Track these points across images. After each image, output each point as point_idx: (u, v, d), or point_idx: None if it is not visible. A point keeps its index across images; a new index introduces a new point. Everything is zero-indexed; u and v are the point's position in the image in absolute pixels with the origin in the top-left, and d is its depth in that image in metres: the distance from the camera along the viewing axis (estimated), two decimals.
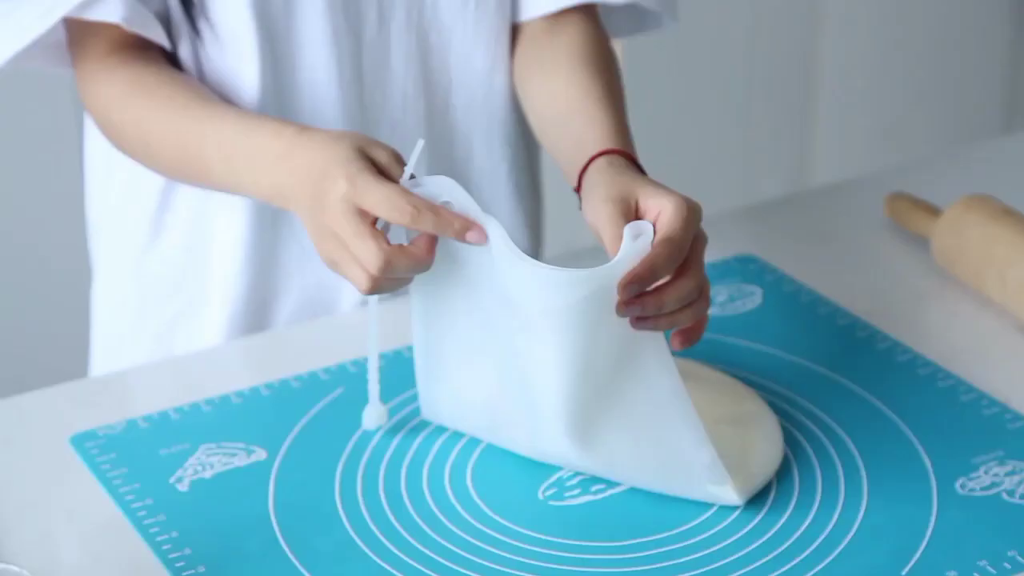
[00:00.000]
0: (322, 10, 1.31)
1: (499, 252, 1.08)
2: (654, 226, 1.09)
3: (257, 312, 1.41)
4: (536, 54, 1.36)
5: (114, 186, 1.43)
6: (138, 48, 1.29)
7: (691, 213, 1.10)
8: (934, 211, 1.44)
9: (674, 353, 1.12)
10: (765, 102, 2.72)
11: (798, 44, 2.73)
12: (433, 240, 1.10)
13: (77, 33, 1.30)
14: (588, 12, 1.38)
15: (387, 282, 1.10)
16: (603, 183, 1.14)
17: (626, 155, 1.20)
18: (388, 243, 1.09)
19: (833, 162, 2.81)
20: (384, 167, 1.12)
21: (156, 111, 1.26)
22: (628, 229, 1.08)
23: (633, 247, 1.07)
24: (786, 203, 1.60)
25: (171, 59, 1.33)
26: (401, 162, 1.12)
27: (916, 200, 1.47)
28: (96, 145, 1.45)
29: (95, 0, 1.25)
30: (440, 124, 1.40)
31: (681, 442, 1.11)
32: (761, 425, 1.18)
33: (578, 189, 1.19)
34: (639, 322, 1.08)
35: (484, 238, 1.09)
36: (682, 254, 1.09)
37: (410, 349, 1.30)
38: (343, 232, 1.10)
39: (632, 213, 1.11)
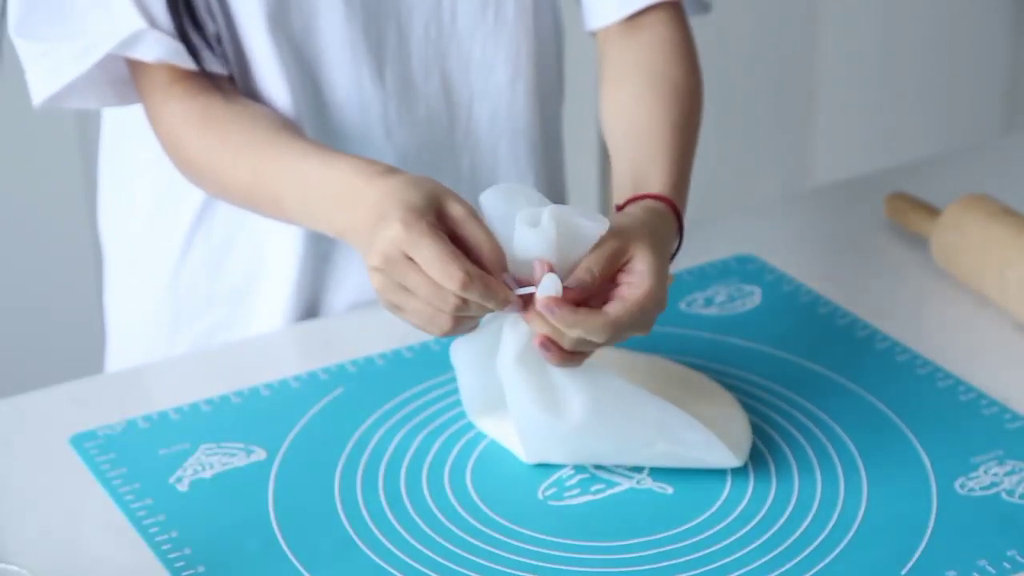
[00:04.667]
0: (342, 30, 1.31)
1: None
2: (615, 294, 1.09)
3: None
4: (609, 63, 1.33)
5: (140, 199, 1.43)
6: (200, 75, 1.27)
7: (652, 307, 1.09)
8: (934, 211, 1.44)
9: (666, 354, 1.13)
10: (765, 102, 2.73)
11: (798, 45, 2.73)
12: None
13: (135, 68, 1.28)
14: (664, 11, 1.33)
15: (465, 319, 1.08)
16: (627, 222, 1.12)
17: (669, 203, 1.17)
18: (464, 270, 1.05)
19: (833, 162, 2.81)
20: (457, 221, 1.08)
21: (229, 148, 1.23)
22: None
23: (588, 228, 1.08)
24: (786, 203, 1.61)
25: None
26: (476, 216, 1.08)
27: (916, 200, 1.47)
28: (113, 161, 1.45)
29: (133, 40, 1.24)
30: (464, 136, 1.39)
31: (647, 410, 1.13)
32: (726, 428, 1.18)
33: (619, 210, 1.18)
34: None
35: (521, 308, 1.09)
36: (613, 339, 1.08)
37: (411, 349, 1.30)
38: (397, 276, 1.07)
39: (621, 259, 1.10)
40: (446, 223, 1.08)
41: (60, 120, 2.17)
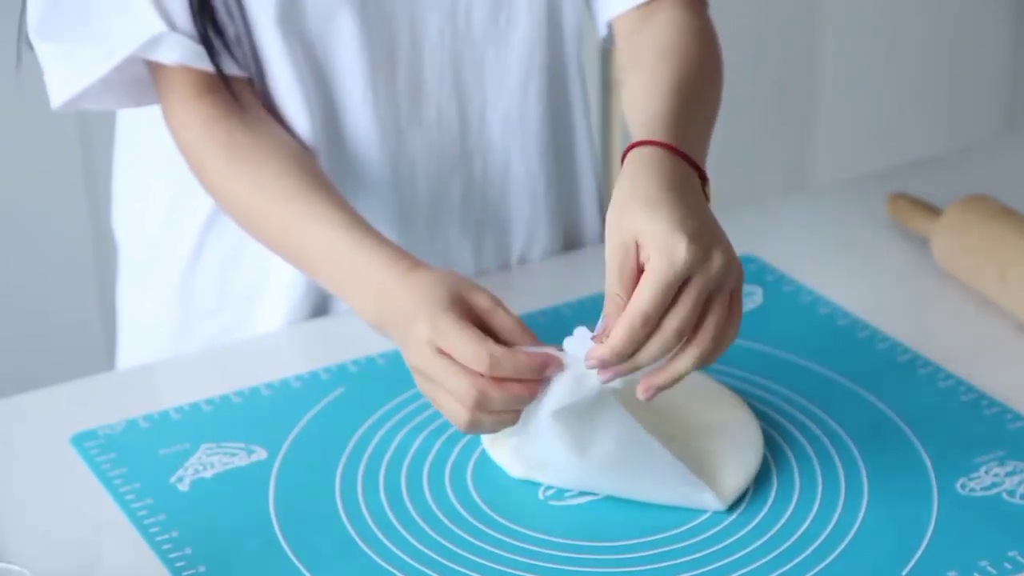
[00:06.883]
0: (355, 32, 1.30)
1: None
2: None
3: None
4: (627, 52, 1.31)
5: (154, 199, 1.43)
6: (222, 92, 1.27)
7: (671, 269, 1.03)
8: (935, 211, 1.44)
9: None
10: (766, 102, 2.72)
11: (798, 44, 2.73)
12: (535, 382, 1.09)
13: (155, 71, 1.28)
14: (678, 1, 1.32)
15: (487, 417, 1.08)
16: (615, 210, 1.07)
17: (663, 145, 1.11)
18: (480, 376, 1.07)
19: (833, 161, 2.81)
20: (483, 311, 1.11)
21: (261, 192, 1.25)
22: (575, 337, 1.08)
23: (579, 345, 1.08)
24: (786, 203, 1.60)
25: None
26: (502, 305, 1.11)
27: (916, 200, 1.47)
28: (128, 161, 1.45)
29: (154, 43, 1.24)
30: (476, 140, 1.39)
31: (651, 464, 1.12)
32: (739, 435, 1.18)
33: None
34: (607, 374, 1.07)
35: (562, 367, 1.08)
36: (648, 324, 1.03)
37: None
38: (429, 371, 1.09)
39: (634, 259, 1.05)
40: (473, 315, 1.11)
41: (61, 119, 2.17)
